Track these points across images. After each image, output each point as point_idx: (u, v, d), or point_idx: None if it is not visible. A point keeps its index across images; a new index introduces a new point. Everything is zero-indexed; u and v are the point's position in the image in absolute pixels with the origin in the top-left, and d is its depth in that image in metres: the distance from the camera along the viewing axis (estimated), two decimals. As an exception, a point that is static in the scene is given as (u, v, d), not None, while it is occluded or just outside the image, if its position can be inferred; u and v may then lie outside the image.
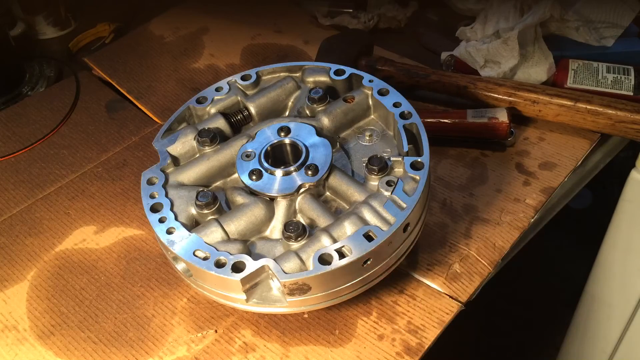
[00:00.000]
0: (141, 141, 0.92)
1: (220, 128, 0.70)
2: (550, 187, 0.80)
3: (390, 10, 1.09)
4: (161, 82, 1.01)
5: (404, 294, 0.69)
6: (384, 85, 0.70)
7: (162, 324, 0.69)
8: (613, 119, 0.81)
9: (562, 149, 0.84)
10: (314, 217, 0.62)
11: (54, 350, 0.68)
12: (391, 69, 0.92)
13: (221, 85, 0.74)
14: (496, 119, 0.82)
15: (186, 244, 0.59)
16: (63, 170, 0.88)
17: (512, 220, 0.76)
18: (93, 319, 0.70)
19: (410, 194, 0.60)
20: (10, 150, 0.92)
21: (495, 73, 0.90)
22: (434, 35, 1.07)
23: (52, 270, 0.76)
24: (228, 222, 0.61)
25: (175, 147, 0.68)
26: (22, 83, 1.05)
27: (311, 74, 0.75)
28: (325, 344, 0.66)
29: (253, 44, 1.08)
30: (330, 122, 0.69)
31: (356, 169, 0.67)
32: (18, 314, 0.71)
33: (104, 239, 0.79)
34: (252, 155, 0.66)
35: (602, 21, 0.93)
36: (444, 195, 0.80)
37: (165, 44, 1.09)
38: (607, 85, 0.87)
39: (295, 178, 0.64)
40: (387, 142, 0.69)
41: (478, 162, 0.84)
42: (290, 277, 0.55)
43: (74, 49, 1.13)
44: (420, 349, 0.64)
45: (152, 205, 0.63)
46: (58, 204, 0.84)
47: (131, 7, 1.21)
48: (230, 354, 0.66)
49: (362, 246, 0.56)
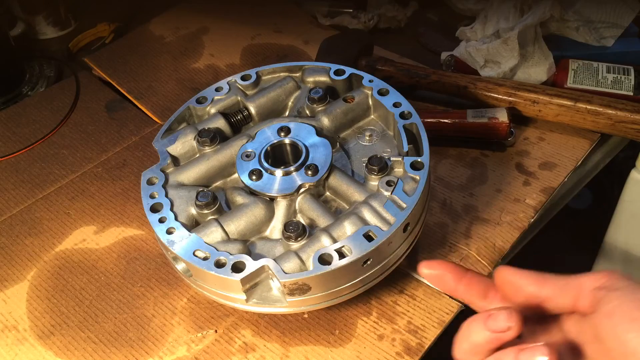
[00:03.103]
0: (141, 141, 0.92)
1: (220, 128, 0.70)
2: (550, 187, 0.80)
3: (390, 10, 1.09)
4: (161, 82, 1.01)
5: (404, 294, 0.69)
6: (384, 85, 0.70)
7: (162, 324, 0.69)
8: (613, 119, 0.81)
9: (562, 149, 0.84)
10: (313, 217, 0.62)
11: (54, 350, 0.68)
12: (391, 69, 0.92)
13: (221, 85, 0.74)
14: (496, 119, 0.82)
15: (186, 244, 0.59)
16: (63, 170, 0.88)
17: (512, 220, 0.76)
18: (93, 319, 0.70)
19: (410, 194, 0.60)
20: (10, 150, 0.92)
21: (495, 73, 0.90)
22: (434, 35, 1.08)
23: (52, 270, 0.76)
24: (228, 222, 0.61)
25: (175, 147, 0.69)
26: (22, 83, 1.05)
27: (311, 74, 0.75)
28: (325, 344, 0.66)
29: (253, 44, 1.08)
30: (330, 122, 0.69)
31: (356, 169, 0.67)
32: (18, 314, 0.71)
33: (104, 239, 0.79)
34: (252, 155, 0.66)
35: (602, 21, 0.93)
36: (444, 195, 0.80)
37: (165, 44, 1.09)
38: (607, 85, 0.87)
39: (295, 178, 0.64)
40: (387, 142, 0.69)
41: (478, 162, 0.84)
42: (290, 277, 0.55)
43: (74, 49, 1.13)
44: (420, 349, 0.64)
45: (152, 206, 0.63)
46: (58, 204, 0.84)
47: (131, 7, 1.21)
48: (230, 354, 0.66)
49: (362, 246, 0.56)
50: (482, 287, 0.50)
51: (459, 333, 0.46)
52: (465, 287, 0.50)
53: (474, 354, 0.46)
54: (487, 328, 0.43)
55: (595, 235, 0.99)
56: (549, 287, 0.46)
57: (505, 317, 0.43)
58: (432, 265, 0.50)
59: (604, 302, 0.43)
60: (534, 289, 0.46)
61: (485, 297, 0.50)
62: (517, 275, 0.47)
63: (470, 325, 0.45)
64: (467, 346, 0.46)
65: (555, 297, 0.46)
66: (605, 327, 0.42)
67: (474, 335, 0.45)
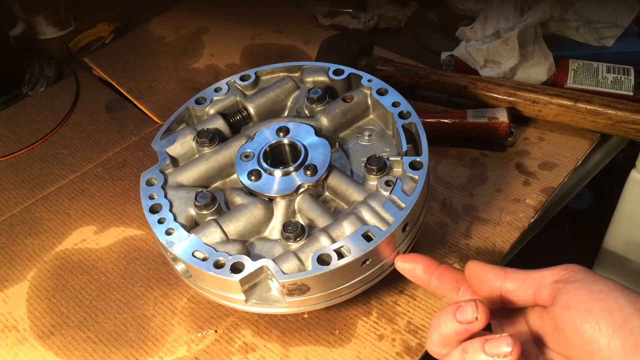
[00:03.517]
0: (141, 141, 0.92)
1: (219, 129, 0.70)
2: (550, 187, 0.80)
3: (390, 10, 1.09)
4: (161, 82, 1.01)
5: (404, 294, 0.69)
6: (383, 84, 0.70)
7: (162, 324, 0.69)
8: (613, 119, 0.81)
9: (562, 149, 0.84)
10: (312, 218, 0.62)
11: (54, 350, 0.68)
12: (391, 69, 0.92)
13: (220, 86, 0.74)
14: (496, 119, 0.82)
15: (185, 245, 0.59)
16: (63, 170, 0.88)
17: (512, 220, 0.76)
18: (93, 319, 0.70)
19: (409, 193, 0.60)
20: (10, 150, 0.92)
21: (495, 73, 0.90)
22: (434, 35, 1.07)
23: (52, 270, 0.76)
24: (227, 223, 0.61)
25: (174, 148, 0.69)
26: (22, 83, 1.05)
27: (310, 74, 0.75)
28: (325, 344, 0.66)
29: (253, 44, 1.08)
30: (329, 122, 0.69)
31: (355, 169, 0.67)
32: (18, 314, 0.72)
33: (104, 239, 0.79)
34: (251, 156, 0.66)
35: (602, 21, 0.93)
36: (444, 195, 0.80)
37: (165, 44, 1.09)
38: (607, 85, 0.87)
39: (294, 178, 0.64)
40: (386, 141, 0.69)
41: (478, 162, 0.84)
42: (289, 277, 0.55)
43: (74, 49, 1.13)
44: (420, 349, 0.64)
45: (151, 206, 0.63)
46: (58, 204, 0.84)
47: (131, 7, 1.22)
48: (230, 354, 0.66)
49: (361, 246, 0.56)
50: (454, 281, 0.53)
51: (431, 325, 0.48)
52: (438, 279, 0.53)
53: (444, 345, 0.48)
54: (456, 319, 0.45)
55: (595, 235, 0.99)
56: (510, 280, 0.48)
57: (472, 309, 0.45)
58: (406, 259, 0.53)
59: (562, 294, 0.44)
60: (497, 283, 0.49)
61: (457, 290, 0.53)
62: (484, 269, 0.50)
63: (440, 317, 0.47)
64: (437, 337, 0.48)
65: (517, 290, 0.48)
66: (564, 318, 0.44)
67: (443, 327, 0.46)
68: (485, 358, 0.43)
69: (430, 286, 0.53)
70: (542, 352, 0.48)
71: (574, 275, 0.45)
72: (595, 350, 0.41)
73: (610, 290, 0.43)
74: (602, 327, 0.41)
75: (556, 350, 0.47)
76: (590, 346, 0.42)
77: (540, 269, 0.48)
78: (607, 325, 0.41)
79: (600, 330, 0.41)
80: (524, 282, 0.48)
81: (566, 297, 0.44)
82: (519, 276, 0.48)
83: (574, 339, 0.43)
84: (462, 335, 0.46)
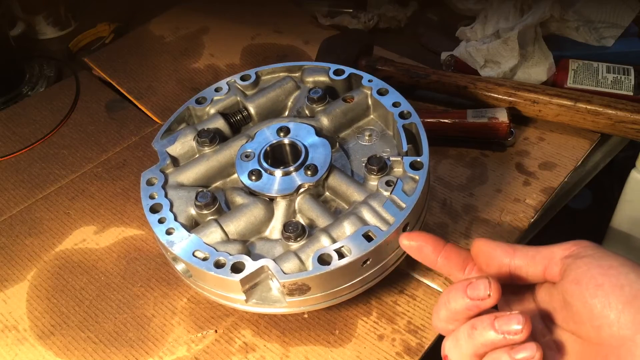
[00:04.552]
0: (141, 141, 0.92)
1: (220, 128, 0.70)
2: (550, 187, 0.80)
3: (390, 10, 1.09)
4: (161, 82, 1.01)
5: (404, 294, 0.69)
6: (384, 85, 0.70)
7: (162, 324, 0.69)
8: (613, 119, 0.81)
9: (562, 149, 0.84)
10: (313, 217, 0.62)
11: (54, 350, 0.68)
12: (391, 69, 0.92)
13: (220, 86, 0.74)
14: (496, 119, 0.82)
15: (186, 245, 0.59)
16: (63, 170, 0.88)
17: (512, 220, 0.76)
18: (93, 319, 0.70)
19: (410, 193, 0.60)
20: (10, 150, 0.92)
21: (495, 73, 0.90)
22: (434, 35, 1.07)
23: (52, 270, 0.76)
24: (227, 223, 0.61)
25: (174, 148, 0.69)
26: (22, 83, 1.05)
27: (310, 74, 0.75)
28: (325, 344, 0.66)
29: (253, 44, 1.08)
30: (330, 122, 0.69)
31: (355, 169, 0.67)
32: (18, 314, 0.72)
33: (104, 239, 0.79)
34: (252, 156, 0.66)
35: (602, 21, 0.93)
36: (444, 195, 0.80)
37: (165, 44, 1.09)
38: (607, 85, 0.87)
39: (295, 178, 0.64)
40: (387, 141, 0.69)
41: (478, 162, 0.84)
42: (289, 277, 0.55)
43: (74, 49, 1.13)
44: (420, 349, 0.64)
45: (151, 206, 0.63)
46: (58, 204, 0.84)
47: (131, 7, 1.21)
48: (230, 354, 0.66)
49: (361, 246, 0.56)
50: (460, 260, 0.52)
51: (439, 301, 0.48)
52: (444, 259, 0.52)
53: (452, 321, 0.47)
54: (467, 295, 0.45)
55: (595, 236, 0.99)
56: (520, 257, 0.48)
57: (485, 285, 0.44)
58: (411, 237, 0.52)
59: (572, 269, 0.44)
60: (506, 260, 0.48)
61: (464, 269, 0.52)
62: (491, 247, 0.49)
63: (449, 292, 0.46)
64: (445, 313, 0.47)
65: (526, 267, 0.47)
66: (573, 293, 0.43)
67: (452, 303, 0.46)
68: (495, 335, 0.43)
69: (436, 265, 0.52)
70: (549, 329, 0.47)
71: (584, 250, 0.45)
72: (605, 326, 0.41)
73: (621, 265, 0.42)
74: (612, 302, 0.41)
75: (564, 327, 0.46)
76: (599, 321, 0.41)
77: (550, 245, 0.47)
78: (617, 300, 0.41)
79: (610, 305, 0.41)
80: (534, 259, 0.47)
81: (576, 272, 0.43)
82: (529, 253, 0.47)
83: (584, 314, 0.43)
84: (471, 312, 0.45)
